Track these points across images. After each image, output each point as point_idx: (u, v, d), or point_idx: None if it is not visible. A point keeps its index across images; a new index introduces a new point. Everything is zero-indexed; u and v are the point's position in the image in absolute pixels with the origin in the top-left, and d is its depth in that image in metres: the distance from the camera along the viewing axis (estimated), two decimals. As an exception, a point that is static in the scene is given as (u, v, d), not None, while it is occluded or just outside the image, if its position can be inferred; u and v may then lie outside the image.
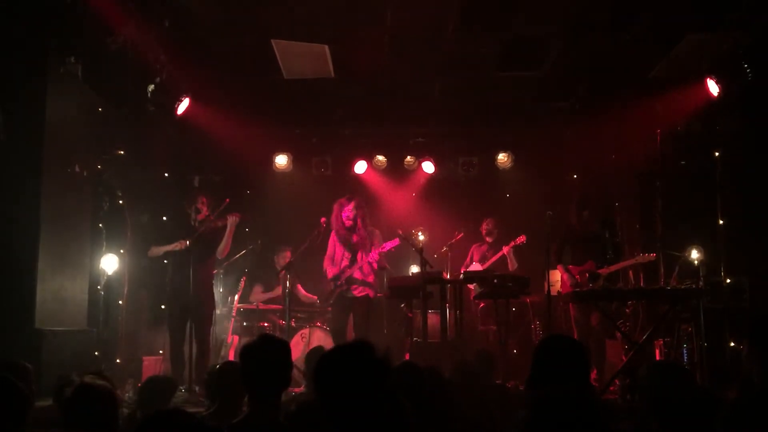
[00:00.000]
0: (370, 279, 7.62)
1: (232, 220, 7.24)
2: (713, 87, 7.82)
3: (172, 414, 2.82)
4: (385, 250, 7.48)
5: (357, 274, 7.56)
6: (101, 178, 7.28)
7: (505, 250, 8.83)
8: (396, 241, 7.52)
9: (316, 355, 4.79)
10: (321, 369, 2.29)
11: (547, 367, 2.80)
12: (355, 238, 7.55)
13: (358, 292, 7.54)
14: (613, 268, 7.60)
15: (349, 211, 7.54)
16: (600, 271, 7.51)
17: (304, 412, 3.07)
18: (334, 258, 7.68)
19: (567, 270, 7.69)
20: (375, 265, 7.60)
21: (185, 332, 7.00)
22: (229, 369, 3.83)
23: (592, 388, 6.03)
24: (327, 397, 2.26)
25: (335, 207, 7.69)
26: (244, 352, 3.17)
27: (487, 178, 10.58)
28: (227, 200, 7.31)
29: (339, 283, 7.54)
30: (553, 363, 2.79)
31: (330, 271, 7.69)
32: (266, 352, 3.10)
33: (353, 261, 7.57)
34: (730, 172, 7.75)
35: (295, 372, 5.02)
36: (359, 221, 7.56)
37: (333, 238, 7.76)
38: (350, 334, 7.71)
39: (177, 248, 7.12)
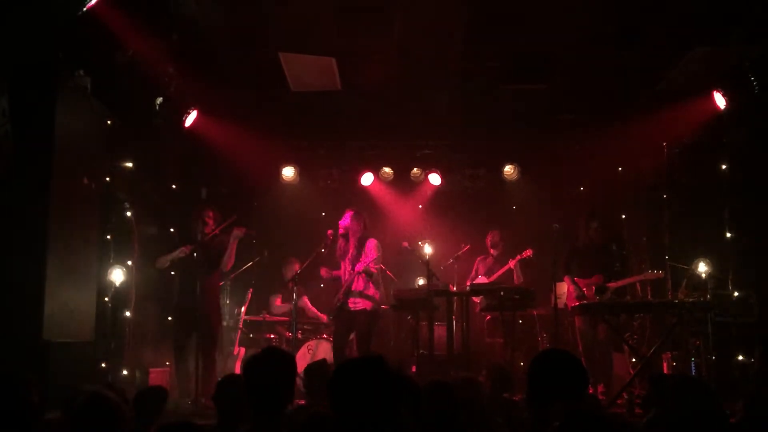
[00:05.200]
0: (369, 291, 7.45)
1: (235, 233, 7.27)
2: (720, 100, 7.83)
3: (182, 427, 2.82)
4: (366, 262, 7.36)
5: (354, 286, 7.42)
6: (109, 191, 7.30)
7: (512, 263, 8.79)
8: (374, 254, 7.43)
9: (317, 369, 4.79)
10: (335, 383, 2.29)
11: (544, 382, 2.79)
12: (350, 249, 7.50)
13: (354, 305, 7.40)
14: (621, 283, 7.57)
15: (345, 219, 7.52)
16: (608, 285, 7.49)
17: (313, 425, 3.05)
18: (341, 274, 7.61)
19: (574, 282, 7.67)
20: (371, 269, 7.45)
21: (191, 345, 7.00)
22: (231, 382, 3.82)
23: (598, 401, 6.01)
24: (341, 410, 2.26)
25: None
26: (248, 364, 3.10)
27: (493, 190, 10.58)
28: (234, 216, 7.33)
29: (339, 296, 7.48)
30: (550, 378, 2.78)
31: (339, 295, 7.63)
32: (271, 364, 3.04)
33: (352, 272, 7.48)
34: (738, 184, 7.74)
35: (300, 384, 5.04)
36: (351, 232, 7.49)
37: (338, 256, 7.69)
38: (353, 348, 7.68)
39: (180, 255, 7.15)
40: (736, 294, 7.34)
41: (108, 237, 7.25)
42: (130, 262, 7.67)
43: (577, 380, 2.81)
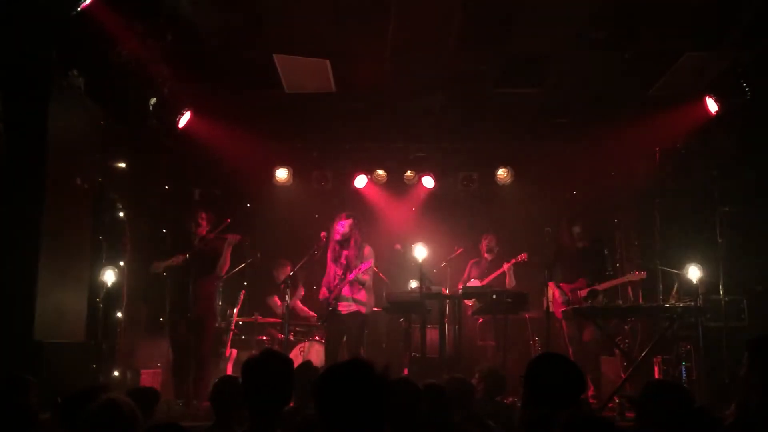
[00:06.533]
0: (360, 296, 7.46)
1: (230, 240, 7.29)
2: (712, 105, 7.87)
3: (169, 429, 2.82)
4: (361, 270, 7.37)
5: (346, 292, 7.43)
6: (102, 191, 7.29)
7: (506, 267, 8.80)
8: (369, 263, 7.44)
9: (302, 371, 4.78)
10: (321, 386, 2.30)
11: (540, 386, 2.80)
12: (345, 254, 7.49)
13: (346, 309, 7.42)
14: (604, 285, 7.60)
15: (343, 226, 7.49)
16: (591, 288, 7.54)
17: (307, 426, 3.06)
18: (329, 278, 7.60)
19: (558, 287, 7.72)
20: (362, 279, 7.48)
21: (188, 347, 7.01)
22: (227, 384, 3.82)
23: (588, 406, 6.03)
24: (326, 414, 2.27)
25: (335, 221, 7.66)
26: (247, 366, 3.11)
27: (486, 193, 10.59)
28: (228, 220, 7.34)
29: (330, 300, 7.48)
30: (546, 382, 2.80)
31: (322, 294, 7.63)
32: (269, 367, 3.06)
33: (344, 278, 7.50)
34: (729, 189, 7.78)
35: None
36: (352, 240, 7.48)
37: (328, 257, 7.71)
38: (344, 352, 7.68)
39: (175, 263, 7.14)
40: (726, 299, 7.37)
41: (100, 237, 7.24)
42: (122, 263, 7.67)
43: (573, 385, 2.82)
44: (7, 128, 5.76)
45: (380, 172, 10.48)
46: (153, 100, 7.71)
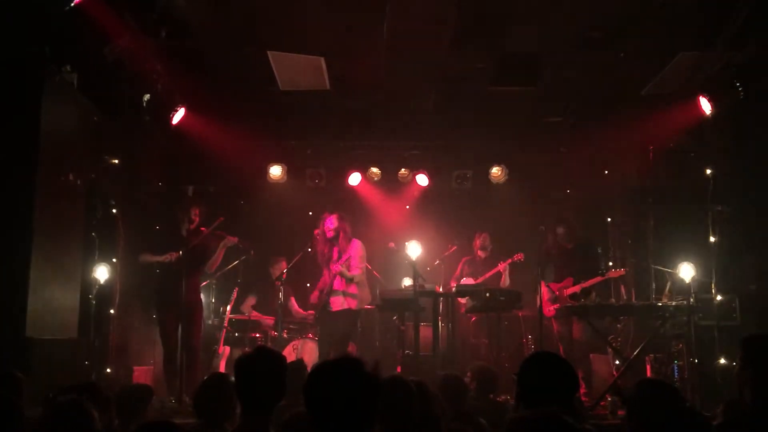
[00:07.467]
0: (352, 290, 7.52)
1: (226, 242, 7.27)
2: (705, 105, 7.89)
3: (161, 426, 2.81)
4: (342, 261, 7.40)
5: (337, 285, 7.49)
6: (95, 187, 7.27)
7: (501, 266, 8.78)
8: (352, 253, 7.45)
9: (293, 369, 4.77)
10: (310, 384, 2.30)
11: (533, 385, 2.80)
12: (336, 251, 7.51)
13: (337, 305, 7.47)
14: (588, 283, 7.62)
15: (331, 222, 7.53)
16: (574, 287, 7.56)
17: (296, 423, 3.06)
18: (324, 279, 7.63)
19: (547, 286, 7.75)
20: (348, 272, 7.50)
21: (178, 340, 6.99)
22: (216, 381, 3.81)
23: (581, 404, 6.04)
24: (316, 411, 2.27)
25: (319, 222, 7.71)
26: (240, 363, 3.13)
27: (480, 191, 10.59)
28: (221, 219, 7.32)
29: (323, 296, 7.50)
30: (540, 381, 2.80)
31: (314, 296, 7.66)
32: (262, 364, 3.08)
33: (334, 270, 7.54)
34: (722, 189, 7.80)
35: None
36: (341, 233, 7.52)
37: (320, 261, 7.70)
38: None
39: (166, 260, 7.11)
40: (719, 298, 7.39)
41: (93, 234, 7.21)
42: (115, 260, 7.64)
43: (567, 384, 2.83)
44: (-1, 124, 5.74)
45: (374, 169, 10.49)
46: (146, 97, 7.69)
